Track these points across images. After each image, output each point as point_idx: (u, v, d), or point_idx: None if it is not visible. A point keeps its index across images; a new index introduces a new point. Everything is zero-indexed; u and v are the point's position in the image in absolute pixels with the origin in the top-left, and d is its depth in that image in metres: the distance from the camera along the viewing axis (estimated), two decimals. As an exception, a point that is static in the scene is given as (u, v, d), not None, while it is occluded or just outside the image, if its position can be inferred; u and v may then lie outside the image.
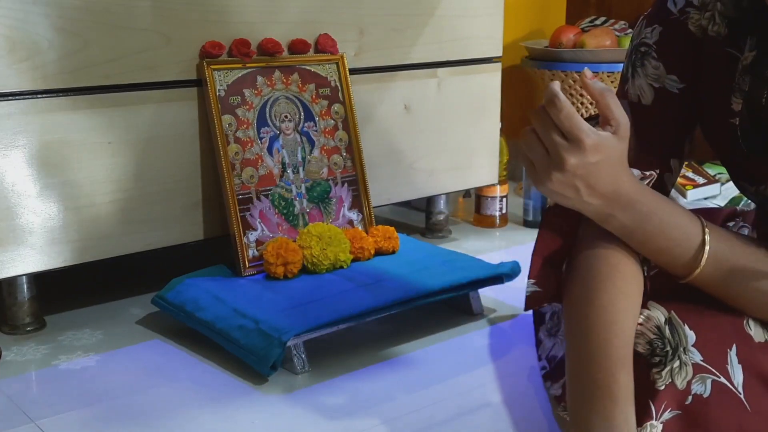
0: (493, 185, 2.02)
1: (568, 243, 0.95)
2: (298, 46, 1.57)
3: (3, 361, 1.31)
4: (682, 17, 0.90)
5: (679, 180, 2.11)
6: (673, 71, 0.92)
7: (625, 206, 0.81)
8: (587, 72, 0.79)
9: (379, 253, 1.55)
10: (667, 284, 0.85)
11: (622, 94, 0.97)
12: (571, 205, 0.81)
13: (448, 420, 1.13)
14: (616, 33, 2.42)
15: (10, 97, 1.30)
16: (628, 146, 0.80)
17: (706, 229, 0.83)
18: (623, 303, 0.82)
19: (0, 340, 1.36)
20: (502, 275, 1.47)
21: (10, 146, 1.30)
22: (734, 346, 0.80)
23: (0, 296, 1.42)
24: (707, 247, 0.82)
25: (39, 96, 1.32)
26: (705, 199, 2.12)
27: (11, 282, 1.39)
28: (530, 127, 0.80)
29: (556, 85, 0.76)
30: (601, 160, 0.78)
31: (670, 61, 0.92)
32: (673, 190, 2.07)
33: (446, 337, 1.40)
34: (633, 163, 0.87)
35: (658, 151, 0.94)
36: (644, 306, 0.81)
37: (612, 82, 2.33)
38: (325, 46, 1.60)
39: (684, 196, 2.06)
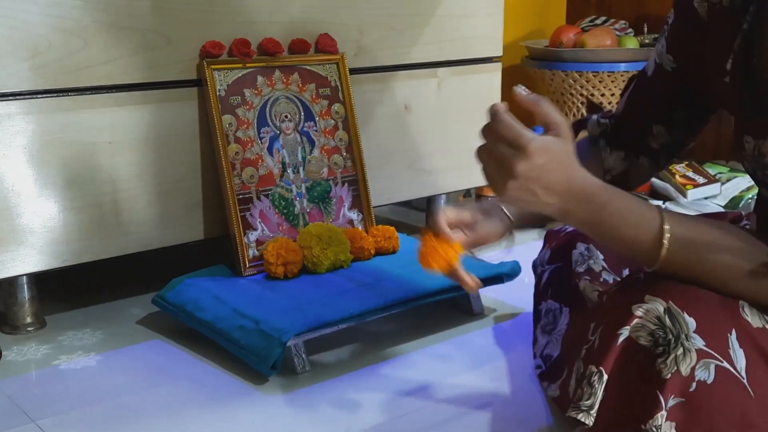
0: (494, 185, 2.02)
1: None
2: (298, 46, 1.57)
3: (3, 361, 1.31)
4: None
5: (680, 179, 2.11)
6: (671, 52, 1.04)
7: (582, 200, 0.85)
8: (518, 90, 0.86)
9: (379, 252, 1.55)
10: (660, 281, 0.85)
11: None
12: (534, 209, 0.87)
13: (448, 420, 1.13)
14: (617, 32, 2.42)
15: (11, 97, 1.30)
16: (573, 144, 0.87)
17: (664, 214, 0.86)
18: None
19: (0, 340, 1.36)
20: (502, 275, 1.47)
21: (11, 146, 1.30)
22: (734, 330, 0.81)
23: (0, 296, 1.42)
24: (666, 226, 0.85)
25: (39, 96, 1.32)
26: (705, 198, 2.12)
27: (11, 282, 1.39)
28: (481, 144, 0.88)
29: (498, 104, 0.85)
30: (549, 161, 0.83)
31: (671, 43, 1.04)
32: (673, 190, 2.08)
33: (446, 337, 1.40)
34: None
35: (643, 114, 1.09)
36: (642, 300, 0.81)
37: (612, 81, 2.34)
38: (325, 45, 1.60)
39: (684, 195, 2.06)
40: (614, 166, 1.15)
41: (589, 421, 0.80)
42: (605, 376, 0.80)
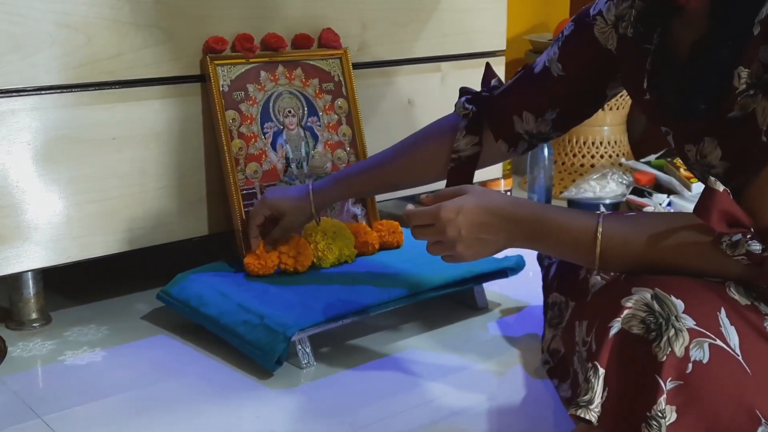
0: (498, 179, 2.02)
1: None
2: (301, 41, 1.57)
3: (9, 357, 1.32)
4: (592, 21, 1.09)
5: (684, 173, 2.11)
6: (561, 61, 1.14)
7: (519, 225, 0.98)
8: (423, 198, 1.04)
9: (383, 247, 1.55)
10: (645, 275, 0.86)
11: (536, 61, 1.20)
12: (492, 252, 1.01)
13: (453, 414, 1.13)
14: (620, 26, 2.41)
15: (15, 94, 1.30)
16: (481, 189, 1.01)
17: (602, 217, 0.93)
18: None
19: (6, 336, 1.36)
20: (506, 269, 1.47)
21: (15, 143, 1.31)
22: (722, 309, 0.81)
23: (6, 292, 1.43)
24: (600, 228, 0.92)
25: (43, 92, 1.32)
26: (710, 192, 2.11)
27: (17, 278, 1.39)
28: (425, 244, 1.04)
29: (409, 206, 1.04)
30: (464, 212, 0.98)
31: (564, 53, 1.14)
32: (677, 183, 2.07)
33: (451, 332, 1.40)
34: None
35: (517, 96, 1.19)
36: (629, 293, 0.82)
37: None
38: (328, 40, 1.60)
39: (689, 189, 2.06)
40: (463, 149, 1.25)
41: (590, 416, 0.79)
42: (601, 370, 0.80)
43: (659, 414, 0.76)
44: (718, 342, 0.78)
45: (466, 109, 1.24)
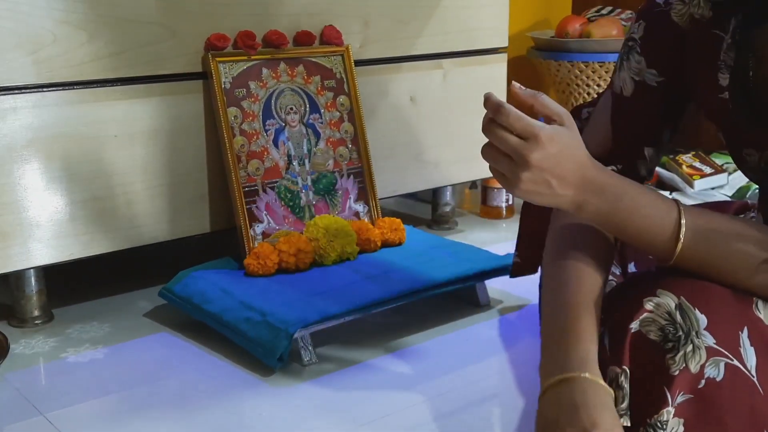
0: (500, 176, 2.01)
1: (545, 223, 1.02)
2: (303, 38, 1.57)
3: (11, 354, 1.32)
4: (666, 8, 0.95)
5: (687, 170, 2.10)
6: (654, 66, 0.97)
7: (596, 191, 0.85)
8: (515, 86, 0.84)
9: (385, 244, 1.55)
10: (673, 275, 0.85)
11: (610, 84, 1.02)
12: (547, 202, 0.86)
13: (455, 411, 1.13)
14: (623, 23, 2.41)
15: (16, 91, 1.30)
16: (578, 134, 0.85)
17: (681, 207, 0.85)
18: (592, 261, 0.90)
19: (8, 333, 1.36)
20: (508, 266, 1.46)
21: (17, 140, 1.31)
22: (745, 328, 0.80)
23: (8, 289, 1.43)
24: (683, 221, 0.84)
25: (45, 90, 1.32)
26: (712, 189, 2.11)
27: (19, 275, 1.39)
28: (486, 142, 0.86)
29: (495, 96, 0.82)
30: (561, 150, 0.82)
31: (651, 56, 0.97)
32: (680, 180, 2.07)
33: (453, 329, 1.40)
34: (606, 153, 0.99)
35: (632, 139, 1.00)
36: (653, 294, 0.81)
37: (618, 72, 2.32)
38: (330, 37, 1.60)
39: (691, 186, 2.05)
40: None
41: (627, 422, 0.79)
42: (629, 373, 0.79)
43: (658, 424, 0.76)
44: (735, 362, 0.78)
45: None
